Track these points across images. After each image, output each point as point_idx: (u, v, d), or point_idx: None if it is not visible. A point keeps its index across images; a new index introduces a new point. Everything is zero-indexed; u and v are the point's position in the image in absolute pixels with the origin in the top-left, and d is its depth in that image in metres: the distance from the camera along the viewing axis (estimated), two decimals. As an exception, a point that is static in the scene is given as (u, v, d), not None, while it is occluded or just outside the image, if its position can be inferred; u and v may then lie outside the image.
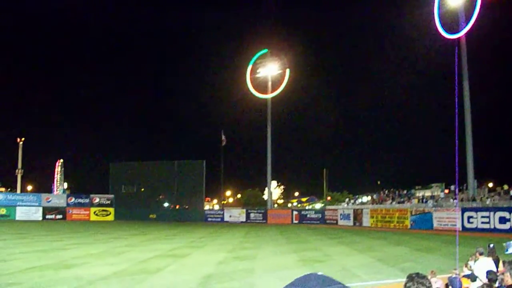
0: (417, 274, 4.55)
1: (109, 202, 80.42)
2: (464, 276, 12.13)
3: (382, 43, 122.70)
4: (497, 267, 12.10)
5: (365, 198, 79.22)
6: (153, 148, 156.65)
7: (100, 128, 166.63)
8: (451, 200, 54.90)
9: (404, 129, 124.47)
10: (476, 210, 48.07)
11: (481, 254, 12.52)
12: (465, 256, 17.00)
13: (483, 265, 11.70)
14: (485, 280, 9.99)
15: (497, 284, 9.07)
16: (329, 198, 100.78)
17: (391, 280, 18.13)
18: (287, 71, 79.04)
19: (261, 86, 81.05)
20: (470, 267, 12.81)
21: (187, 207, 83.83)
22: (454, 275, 12.01)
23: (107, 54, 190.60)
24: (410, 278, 4.51)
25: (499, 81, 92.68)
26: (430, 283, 4.57)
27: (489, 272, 10.04)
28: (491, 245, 14.86)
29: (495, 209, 46.47)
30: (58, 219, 75.68)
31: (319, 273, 2.65)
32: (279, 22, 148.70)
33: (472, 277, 11.29)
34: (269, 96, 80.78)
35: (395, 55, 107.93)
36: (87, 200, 79.63)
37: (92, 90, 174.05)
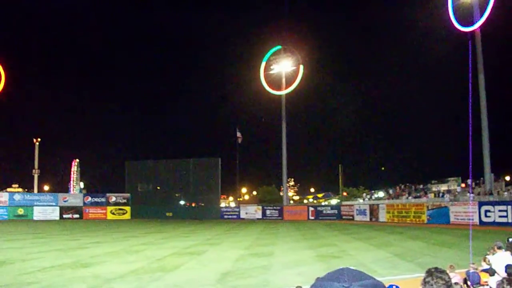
0: (436, 268, 4.53)
1: (125, 200, 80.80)
2: (483, 270, 12.04)
3: (396, 37, 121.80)
4: (516, 261, 11.99)
5: (381, 193, 78.95)
6: (168, 146, 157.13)
7: (115, 127, 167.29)
8: (468, 194, 54.55)
9: (420, 123, 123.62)
10: (493, 204, 47.73)
11: (499, 248, 12.41)
12: (483, 250, 16.89)
13: (501, 259, 11.60)
14: (504, 274, 9.91)
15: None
16: (345, 193, 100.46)
17: (408, 275, 18.05)
18: (301, 67, 78.93)
19: (275, 82, 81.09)
20: (489, 261, 12.72)
21: (203, 204, 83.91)
22: (472, 270, 11.93)
23: (122, 52, 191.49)
24: (429, 272, 4.49)
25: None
26: (449, 277, 4.55)
27: (508, 266, 9.96)
28: (510, 239, 14.73)
29: (513, 202, 46.14)
30: (75, 218, 76.11)
31: (352, 267, 2.65)
32: (292, 18, 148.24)
33: (491, 271, 11.20)
34: (283, 92, 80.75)
35: (410, 49, 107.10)
36: (103, 199, 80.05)
37: (107, 89, 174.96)
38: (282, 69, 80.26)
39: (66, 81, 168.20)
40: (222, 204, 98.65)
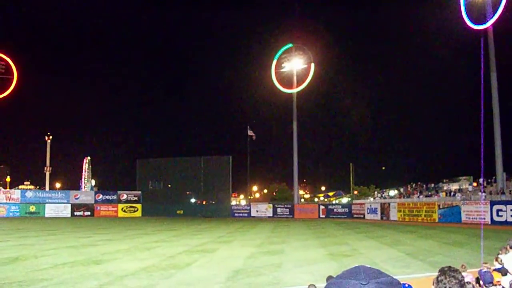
0: (449, 267, 4.53)
1: (136, 198, 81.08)
2: (495, 270, 12.01)
3: (407, 35, 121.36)
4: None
5: (392, 192, 78.76)
6: (179, 144, 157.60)
7: (126, 125, 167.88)
8: (480, 193, 54.33)
9: (432, 122, 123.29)
10: (506, 203, 47.53)
11: (511, 247, 12.36)
12: (495, 249, 16.82)
13: (513, 258, 11.57)
14: (517, 274, 9.88)
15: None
16: (356, 192, 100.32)
17: (420, 274, 18.03)
18: (312, 65, 78.81)
19: (286, 80, 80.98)
20: (501, 260, 12.67)
21: (214, 202, 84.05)
22: (484, 269, 11.89)
23: (133, 51, 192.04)
24: (442, 271, 4.48)
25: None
26: (462, 276, 4.54)
27: (520, 266, 9.93)
28: (522, 238, 14.67)
29: (525, 201, 45.95)
30: (87, 215, 76.57)
31: (367, 265, 2.66)
32: (303, 16, 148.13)
33: (503, 271, 11.17)
34: (294, 90, 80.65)
35: (422, 47, 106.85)
36: (114, 197, 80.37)
37: (118, 88, 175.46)
38: (293, 67, 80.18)
39: (77, 79, 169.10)
40: (233, 202, 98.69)
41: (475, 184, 60.94)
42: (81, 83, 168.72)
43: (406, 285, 7.95)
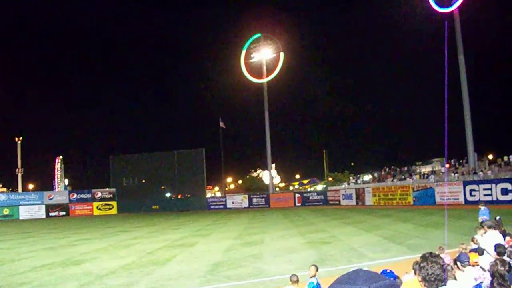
0: (430, 253, 4.63)
1: (111, 195, 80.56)
2: (472, 250, 12.20)
3: (375, 20, 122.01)
4: (504, 239, 12.16)
5: (367, 177, 79.44)
6: (152, 139, 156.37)
7: (97, 122, 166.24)
8: (453, 174, 55.07)
9: (402, 105, 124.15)
10: (478, 183, 48.25)
11: (489, 227, 12.55)
12: (470, 229, 17.11)
13: (491, 238, 11.75)
14: (493, 254, 10.05)
15: (505, 257, 9.12)
16: (330, 179, 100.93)
17: (399, 257, 18.26)
18: (281, 54, 79.03)
19: (256, 70, 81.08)
20: (477, 240, 12.88)
21: (189, 196, 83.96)
22: (462, 249, 12.09)
23: (101, 46, 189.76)
24: (424, 257, 4.59)
25: (497, 52, 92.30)
26: (443, 261, 4.66)
27: (497, 246, 10.10)
28: (498, 218, 14.94)
29: (497, 180, 46.63)
30: (62, 216, 75.91)
31: (365, 268, 2.72)
32: (271, 5, 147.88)
33: (480, 251, 11.35)
34: (264, 80, 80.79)
35: (390, 32, 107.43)
36: (89, 195, 79.78)
37: (87, 84, 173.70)
38: (263, 57, 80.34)
39: (45, 77, 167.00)
40: (208, 195, 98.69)
41: (447, 165, 61.77)
42: (50, 81, 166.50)
43: (388, 271, 8.09)
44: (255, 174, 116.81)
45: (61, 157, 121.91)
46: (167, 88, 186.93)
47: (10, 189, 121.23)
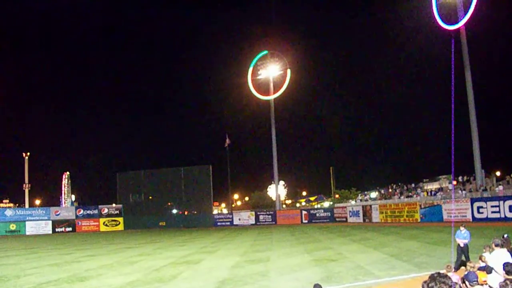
0: (439, 273, 4.56)
1: (117, 212, 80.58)
2: (480, 268, 12.07)
3: (382, 38, 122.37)
4: (512, 258, 12.02)
5: (373, 194, 79.13)
6: (159, 156, 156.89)
7: (105, 139, 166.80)
8: (460, 191, 54.78)
9: (410, 122, 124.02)
10: (486, 200, 47.99)
11: (497, 245, 12.42)
12: (478, 247, 16.94)
13: (499, 256, 11.63)
14: (502, 272, 9.92)
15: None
16: (337, 195, 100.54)
17: (406, 275, 18.10)
18: (288, 71, 79.11)
19: (263, 87, 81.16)
20: (485, 258, 12.74)
21: (195, 212, 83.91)
22: (470, 268, 11.95)
23: (110, 65, 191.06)
24: (432, 278, 4.51)
25: (504, 69, 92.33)
26: (452, 281, 4.58)
27: (506, 264, 9.97)
28: (505, 236, 14.78)
29: (505, 198, 46.36)
30: (68, 231, 75.95)
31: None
32: (278, 22, 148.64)
33: (488, 269, 11.22)
34: (271, 97, 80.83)
35: (397, 49, 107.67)
36: (96, 211, 79.79)
37: (95, 101, 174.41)
38: (270, 74, 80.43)
39: (54, 95, 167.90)
40: (215, 211, 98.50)
41: (455, 182, 61.46)
42: (58, 98, 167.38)
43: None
44: (267, 190, 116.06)
45: (68, 173, 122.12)
46: (174, 105, 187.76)
47: (17, 205, 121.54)
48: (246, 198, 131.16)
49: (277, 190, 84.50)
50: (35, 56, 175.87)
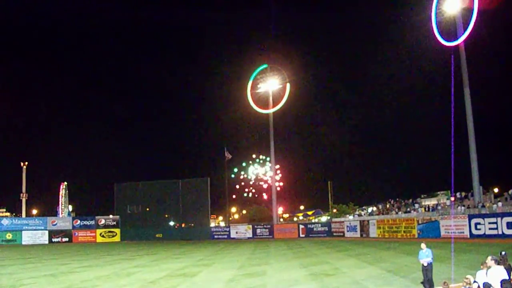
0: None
1: (114, 223, 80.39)
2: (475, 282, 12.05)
3: (382, 54, 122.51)
4: (509, 275, 12.02)
5: (371, 209, 79.02)
6: (157, 168, 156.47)
7: (103, 149, 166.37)
8: (458, 207, 54.72)
9: (406, 138, 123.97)
10: (483, 216, 47.94)
11: (495, 262, 12.40)
12: (476, 263, 16.93)
13: (496, 274, 11.62)
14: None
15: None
16: (335, 210, 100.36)
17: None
18: (288, 85, 79.26)
19: (262, 101, 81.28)
20: (470, 280, 12.64)
21: (193, 225, 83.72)
22: (466, 284, 11.94)
23: (109, 74, 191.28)
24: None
25: (503, 85, 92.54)
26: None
27: (503, 281, 9.98)
28: (503, 253, 14.77)
29: (502, 214, 46.30)
30: (65, 242, 75.81)
31: None
32: (278, 36, 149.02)
33: (486, 286, 11.22)
34: (270, 111, 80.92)
35: (396, 65, 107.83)
36: (92, 222, 79.65)
37: (94, 111, 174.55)
38: (269, 87, 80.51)
39: (52, 104, 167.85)
40: (212, 224, 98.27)
41: (452, 198, 61.40)
42: (56, 107, 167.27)
43: None
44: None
45: (65, 183, 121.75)
46: (173, 117, 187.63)
47: (13, 214, 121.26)
48: (244, 212, 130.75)
49: (275, 204, 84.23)
50: (33, 65, 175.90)
